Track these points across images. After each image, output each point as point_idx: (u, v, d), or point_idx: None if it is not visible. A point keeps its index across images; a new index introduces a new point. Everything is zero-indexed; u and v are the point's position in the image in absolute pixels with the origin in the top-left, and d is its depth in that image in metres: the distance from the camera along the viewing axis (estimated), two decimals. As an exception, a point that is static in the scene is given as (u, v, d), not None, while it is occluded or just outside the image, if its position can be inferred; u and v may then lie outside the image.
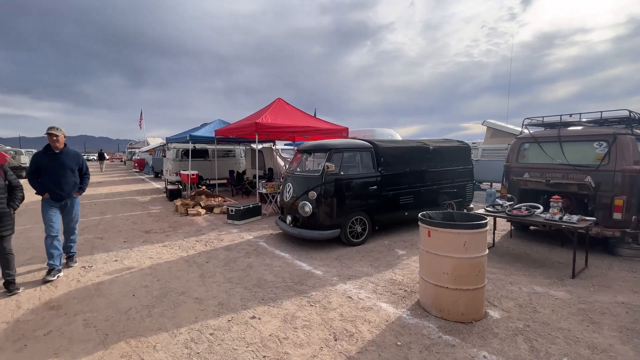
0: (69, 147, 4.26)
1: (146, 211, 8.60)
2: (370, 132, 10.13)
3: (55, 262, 4.04)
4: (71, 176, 4.15)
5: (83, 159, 4.40)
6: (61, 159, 4.08)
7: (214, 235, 6.11)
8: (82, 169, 4.36)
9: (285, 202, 5.58)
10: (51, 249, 4.02)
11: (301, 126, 8.50)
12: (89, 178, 4.51)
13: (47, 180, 4.02)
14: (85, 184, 4.43)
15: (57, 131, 4.03)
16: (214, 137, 10.38)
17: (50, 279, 3.92)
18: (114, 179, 19.00)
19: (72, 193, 4.20)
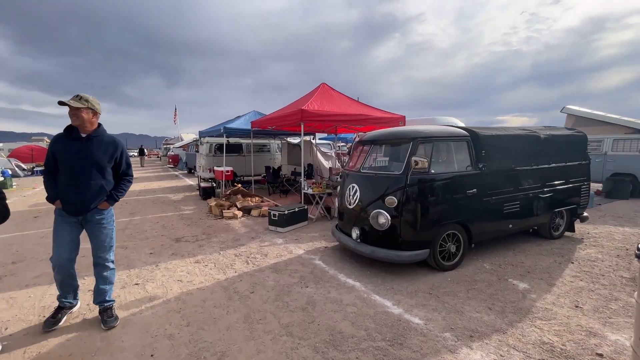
0: (106, 132, 2.78)
1: (178, 212, 7.71)
2: (431, 121, 8.56)
3: (68, 300, 2.83)
4: (97, 176, 2.64)
5: (123, 149, 2.83)
6: (85, 148, 2.60)
7: (256, 246, 4.95)
8: (121, 166, 2.82)
9: (347, 209, 4.26)
10: (62, 285, 2.77)
11: (352, 114, 7.13)
12: (131, 182, 2.94)
13: (61, 180, 2.64)
14: (123, 190, 2.86)
15: (78, 102, 2.52)
16: (250, 130, 9.31)
17: (52, 328, 2.69)
18: (148, 174, 18.85)
19: (94, 203, 2.66)
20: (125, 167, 2.88)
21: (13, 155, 21.37)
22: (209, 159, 12.36)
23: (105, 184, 2.72)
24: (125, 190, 2.90)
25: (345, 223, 4.41)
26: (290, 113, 6.81)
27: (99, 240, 2.81)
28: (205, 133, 11.17)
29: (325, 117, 6.71)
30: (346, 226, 4.35)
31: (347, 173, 4.53)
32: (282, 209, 5.90)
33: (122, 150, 2.82)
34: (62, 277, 2.73)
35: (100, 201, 2.72)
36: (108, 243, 2.85)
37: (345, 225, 4.39)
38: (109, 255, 2.88)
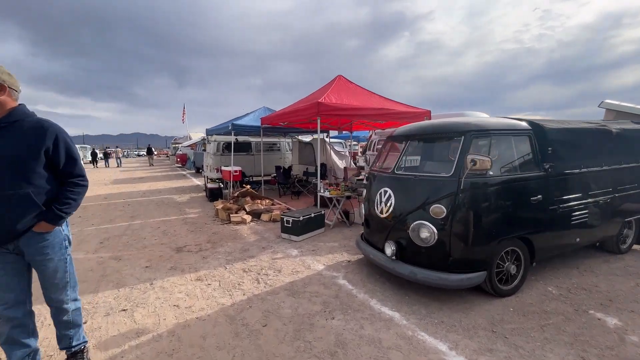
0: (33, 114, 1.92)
1: (182, 215, 7.10)
2: (460, 116, 7.71)
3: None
4: (18, 182, 1.78)
5: (59, 137, 1.88)
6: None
7: (267, 259, 4.26)
8: (59, 162, 1.89)
9: (377, 218, 3.53)
10: (5, 342, 1.91)
11: (373, 108, 6.39)
12: (82, 185, 2.00)
13: None
14: (70, 201, 1.92)
15: None
16: (260, 127, 8.66)
17: None
18: (155, 174, 18.44)
19: (20, 223, 1.81)
20: (67, 163, 1.91)
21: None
22: (216, 158, 11.77)
23: (35, 192, 1.81)
24: (75, 200, 1.94)
25: (374, 234, 3.69)
26: (305, 107, 6.11)
27: (45, 276, 1.97)
28: (213, 131, 10.57)
29: (344, 110, 5.99)
30: (376, 238, 3.62)
31: (376, 175, 3.80)
32: (296, 214, 5.21)
33: (57, 138, 1.86)
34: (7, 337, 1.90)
35: (33, 220, 1.83)
36: (60, 280, 2.01)
37: (375, 236, 3.66)
38: (63, 295, 2.04)
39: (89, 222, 6.59)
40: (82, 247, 4.87)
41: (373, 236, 3.71)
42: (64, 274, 2.02)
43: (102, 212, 7.62)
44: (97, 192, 11.00)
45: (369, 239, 3.82)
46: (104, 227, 6.15)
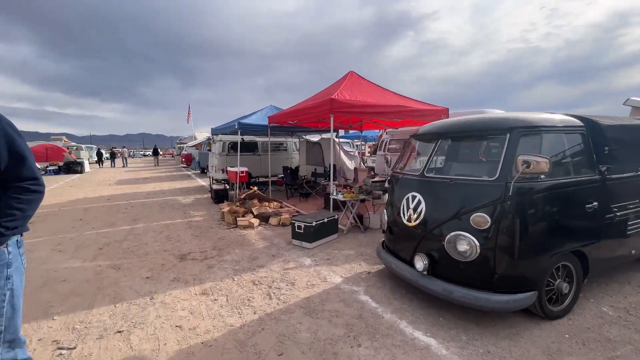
0: None
1: (187, 218, 6.77)
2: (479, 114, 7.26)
3: None
4: None
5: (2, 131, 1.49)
6: None
7: (278, 269, 3.89)
8: None
9: (403, 226, 3.13)
10: None
11: (389, 105, 5.99)
12: (38, 192, 1.57)
13: None
14: (17, 211, 1.49)
15: None
16: (267, 126, 8.30)
17: None
18: (160, 174, 18.22)
19: None
20: (11, 162, 1.50)
21: (28, 154, 21.22)
22: (221, 158, 11.45)
23: None
24: (22, 210, 1.51)
25: (399, 244, 3.30)
26: (317, 104, 5.73)
27: None
28: (218, 130, 10.25)
29: (359, 108, 5.59)
30: (401, 248, 3.23)
31: (400, 178, 3.40)
32: (308, 219, 4.83)
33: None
34: None
35: None
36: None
37: (400, 246, 3.27)
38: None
39: (90, 225, 6.29)
40: (79, 254, 4.55)
41: (398, 246, 3.32)
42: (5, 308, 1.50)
43: (104, 214, 7.33)
44: (101, 193, 10.75)
45: (393, 248, 3.42)
46: (105, 231, 5.84)
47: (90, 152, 30.85)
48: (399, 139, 9.48)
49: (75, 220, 6.75)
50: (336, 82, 6.89)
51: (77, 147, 27.78)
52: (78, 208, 8.09)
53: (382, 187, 5.66)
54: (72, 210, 7.79)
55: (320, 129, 9.71)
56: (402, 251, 3.22)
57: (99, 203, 8.81)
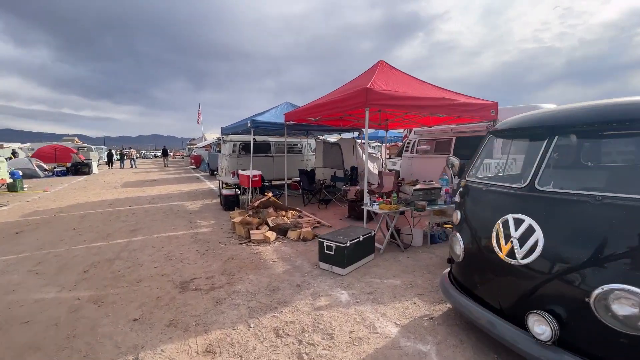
0: None
1: (192, 229, 5.88)
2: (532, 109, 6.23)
3: None
4: None
5: None
6: None
7: (307, 309, 2.94)
8: None
9: (495, 262, 2.13)
10: None
11: (433, 98, 4.99)
12: None
13: None
14: None
15: None
16: (284, 124, 7.38)
17: None
18: (168, 176, 17.55)
19: None
20: None
21: (36, 155, 20.91)
22: (232, 160, 10.61)
23: None
24: None
25: (486, 285, 2.29)
26: (347, 96, 4.76)
27: None
28: (229, 129, 9.39)
29: (399, 100, 4.61)
30: (492, 293, 2.23)
31: (488, 190, 2.40)
32: (340, 236, 3.86)
33: None
34: None
35: None
36: None
37: (489, 289, 2.27)
38: None
39: (82, 237, 5.46)
40: (59, 279, 3.69)
41: (483, 288, 2.32)
42: None
43: (102, 222, 6.52)
44: (104, 197, 10.02)
45: (472, 288, 2.42)
46: (97, 245, 4.99)
47: (101, 153, 30.66)
48: (431, 139, 8.44)
49: (68, 230, 5.94)
50: (365, 73, 5.93)
51: (87, 148, 27.54)
52: (75, 215, 7.32)
53: (426, 197, 4.66)
54: (68, 218, 7.02)
55: (342, 128, 8.73)
56: (492, 296, 2.22)
57: (99, 209, 8.03)
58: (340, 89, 6.00)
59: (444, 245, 4.82)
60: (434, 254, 4.42)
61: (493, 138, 2.79)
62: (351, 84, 5.74)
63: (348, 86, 5.76)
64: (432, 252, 4.49)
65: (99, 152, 30.04)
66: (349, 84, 5.98)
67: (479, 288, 2.36)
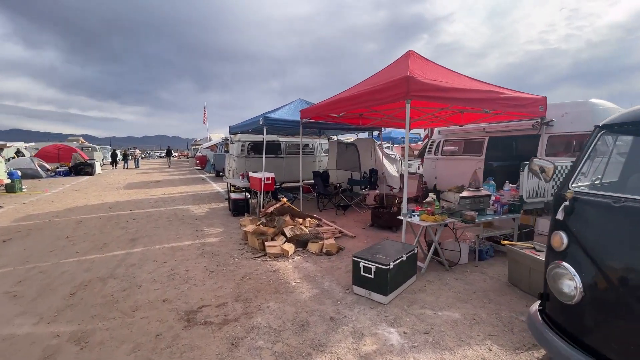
0: None
1: (199, 239, 5.22)
2: (581, 105, 5.45)
3: None
4: None
5: None
6: None
7: (351, 356, 2.24)
8: None
9: None
10: None
11: (481, 90, 4.30)
12: None
13: None
14: None
15: None
16: (299, 121, 6.71)
17: None
18: (173, 177, 16.97)
19: None
20: None
21: (39, 155, 20.48)
22: (240, 161, 9.96)
23: None
24: None
25: (620, 342, 1.58)
26: (383, 87, 4.06)
27: None
28: (238, 128, 8.74)
29: (446, 92, 3.90)
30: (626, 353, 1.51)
31: (626, 205, 1.68)
32: (379, 255, 3.16)
33: None
34: None
35: None
36: None
37: (623, 348, 1.55)
38: None
39: (75, 247, 4.82)
40: (39, 305, 3.03)
41: (616, 346, 1.60)
42: None
43: (99, 229, 5.89)
44: (104, 200, 9.42)
45: (599, 347, 1.71)
46: (90, 258, 4.35)
47: (105, 153, 30.30)
48: (459, 139, 7.70)
49: (60, 238, 5.31)
50: (393, 64, 5.23)
51: (92, 148, 27.15)
52: (71, 220, 6.70)
53: (474, 206, 3.95)
54: (63, 223, 6.40)
55: (361, 127, 8.02)
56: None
57: (98, 213, 7.42)
58: (366, 81, 5.30)
59: (493, 263, 4.10)
60: (487, 275, 3.70)
61: (606, 134, 2.07)
62: (379, 77, 5.04)
63: (375, 79, 5.06)
64: (483, 273, 3.77)
65: (103, 152, 29.66)
66: (374, 77, 5.28)
67: (607, 344, 1.65)
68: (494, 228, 4.33)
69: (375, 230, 5.78)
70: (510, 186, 4.32)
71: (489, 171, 7.01)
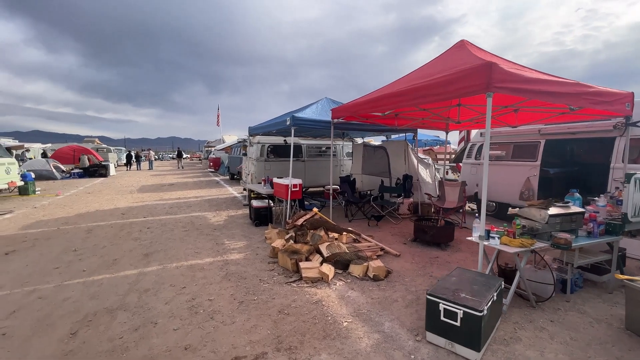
0: None
1: (220, 256, 4.57)
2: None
3: None
4: None
5: None
6: None
7: None
8: None
9: None
10: None
11: (567, 83, 3.51)
12: None
13: None
14: None
15: None
16: (329, 122, 6.01)
17: None
18: (187, 180, 16.53)
19: None
20: None
21: (55, 156, 20.42)
22: (259, 164, 9.32)
23: None
24: None
25: None
26: (454, 77, 3.30)
27: None
28: (259, 129, 8.10)
29: (534, 84, 3.13)
30: None
31: None
32: (464, 294, 2.41)
33: None
34: None
35: None
36: None
37: None
38: None
39: (82, 263, 4.23)
40: (29, 351, 2.39)
41: None
42: None
43: (110, 240, 5.31)
44: (117, 204, 8.92)
45: None
46: (98, 279, 3.73)
47: (120, 154, 30.35)
48: (506, 142, 6.86)
49: (68, 251, 4.75)
50: (446, 53, 4.50)
51: (106, 149, 27.14)
52: (81, 228, 6.16)
53: (565, 226, 3.16)
54: (72, 232, 5.86)
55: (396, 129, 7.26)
56: None
57: (110, 220, 6.88)
58: (411, 76, 4.56)
59: (585, 296, 3.29)
60: (589, 316, 2.90)
61: None
62: (430, 69, 4.29)
63: (425, 72, 4.31)
64: (582, 312, 2.97)
65: (118, 154, 29.69)
66: (423, 70, 4.54)
67: None
68: (589, 253, 3.52)
69: (419, 246, 5.02)
70: (605, 201, 3.50)
71: (546, 179, 6.15)
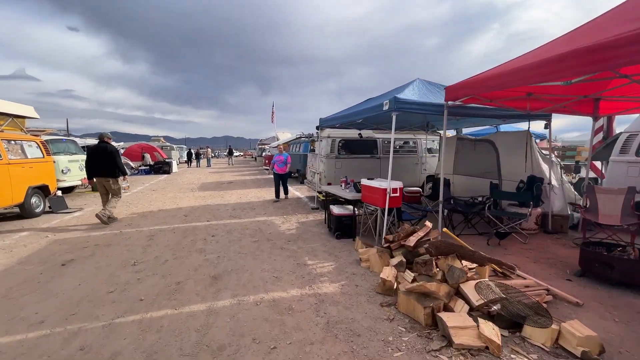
0: None
1: (308, 284, 3.36)
2: None
3: None
4: None
5: None
6: None
7: None
8: None
9: None
10: None
11: None
12: None
13: None
14: None
15: None
16: (442, 105, 4.48)
17: None
18: (244, 177, 16.13)
19: None
20: None
21: (126, 154, 21.71)
22: (329, 162, 8.08)
23: None
24: None
25: None
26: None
27: None
28: (330, 121, 6.82)
29: None
30: None
31: None
32: None
33: None
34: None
35: None
36: None
37: None
38: None
39: (140, 288, 3.32)
40: None
41: None
42: None
43: (172, 251, 4.46)
44: (180, 204, 8.40)
45: None
46: (157, 317, 2.74)
47: (181, 152, 31.91)
48: None
49: (126, 265, 3.95)
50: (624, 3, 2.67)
51: (170, 147, 28.57)
52: (143, 232, 5.50)
53: None
54: (134, 237, 5.19)
55: (526, 114, 5.39)
56: None
57: (172, 223, 6.18)
58: (569, 36, 2.82)
59: None
60: None
61: None
62: (599, 25, 2.52)
63: (593, 30, 2.55)
64: None
65: (180, 151, 31.21)
66: (584, 28, 2.77)
67: None
68: None
69: (597, 286, 3.28)
70: None
71: None
